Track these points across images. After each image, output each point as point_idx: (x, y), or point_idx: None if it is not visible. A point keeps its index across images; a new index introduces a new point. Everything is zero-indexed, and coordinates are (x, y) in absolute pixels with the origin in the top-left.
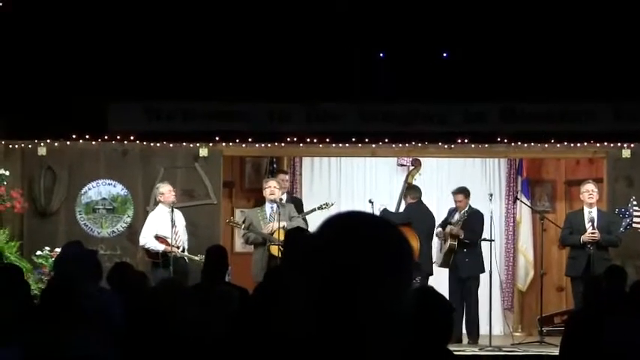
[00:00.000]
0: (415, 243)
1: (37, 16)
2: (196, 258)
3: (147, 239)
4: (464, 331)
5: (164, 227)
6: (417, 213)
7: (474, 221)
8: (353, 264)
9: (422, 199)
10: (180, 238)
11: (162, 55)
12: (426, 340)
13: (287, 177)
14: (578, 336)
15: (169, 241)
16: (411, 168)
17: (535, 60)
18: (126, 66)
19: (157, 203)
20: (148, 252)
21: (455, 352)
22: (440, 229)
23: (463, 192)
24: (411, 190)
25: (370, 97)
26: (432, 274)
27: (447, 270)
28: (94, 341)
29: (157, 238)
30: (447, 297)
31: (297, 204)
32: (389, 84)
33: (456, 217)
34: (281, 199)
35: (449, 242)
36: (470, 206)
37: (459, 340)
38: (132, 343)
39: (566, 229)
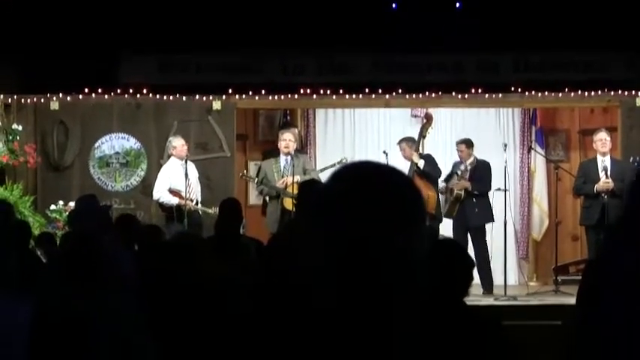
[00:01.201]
0: (432, 193)
1: None
2: (210, 211)
3: (160, 193)
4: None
5: (177, 181)
6: (430, 160)
7: (481, 172)
8: (365, 215)
9: (437, 150)
10: (194, 191)
11: (175, 6)
12: (446, 293)
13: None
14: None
15: (183, 194)
16: (424, 122)
17: (549, 9)
18: (138, 18)
19: (169, 157)
20: (162, 206)
21: (470, 303)
22: (444, 184)
23: (465, 142)
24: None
25: (384, 48)
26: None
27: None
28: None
29: (171, 191)
30: None
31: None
32: (402, 35)
33: (462, 168)
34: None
35: (455, 192)
36: (475, 157)
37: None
38: (147, 299)
39: (580, 179)
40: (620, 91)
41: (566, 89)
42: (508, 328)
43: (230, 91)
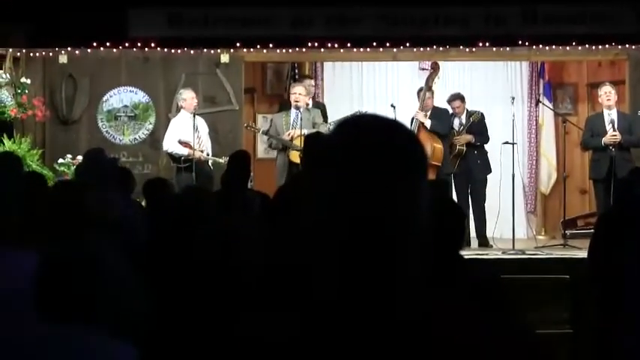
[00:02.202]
0: (438, 146)
1: None
2: (221, 160)
3: (170, 144)
4: (473, 234)
5: (187, 133)
6: (438, 114)
7: (479, 124)
8: (365, 167)
9: (444, 103)
10: (204, 143)
11: None
12: (439, 247)
13: (312, 82)
14: (608, 237)
15: (192, 145)
16: (430, 71)
17: None
18: None
19: (179, 109)
20: (172, 157)
21: (478, 257)
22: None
23: (459, 98)
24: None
25: (391, 2)
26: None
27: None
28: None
29: (180, 142)
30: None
31: (322, 110)
32: None
33: (456, 122)
34: (307, 104)
35: (457, 147)
36: (467, 110)
37: (469, 244)
38: (155, 253)
39: (587, 132)
40: (627, 45)
41: (574, 42)
42: (516, 282)
43: (238, 44)
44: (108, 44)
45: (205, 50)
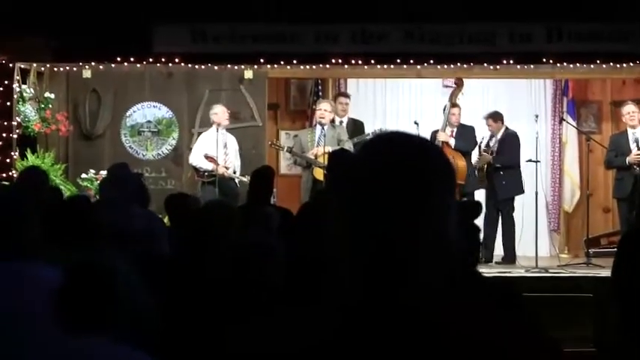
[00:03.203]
0: (462, 163)
1: None
2: (244, 179)
3: (195, 157)
4: (496, 252)
5: (214, 148)
6: (463, 131)
7: (508, 145)
8: (393, 185)
9: (468, 121)
10: (231, 160)
11: None
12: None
13: (348, 100)
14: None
15: (218, 160)
16: (454, 87)
17: None
18: None
19: (210, 124)
20: (197, 170)
21: (501, 274)
22: (476, 157)
23: (491, 117)
24: (455, 109)
25: (416, 18)
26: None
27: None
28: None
29: (207, 157)
30: (484, 219)
31: (359, 126)
32: (434, 5)
33: (492, 141)
34: (341, 122)
35: (478, 167)
36: (505, 129)
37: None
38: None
39: (611, 152)
40: None
41: (598, 60)
42: (539, 300)
43: (262, 60)
44: (132, 59)
45: (229, 66)
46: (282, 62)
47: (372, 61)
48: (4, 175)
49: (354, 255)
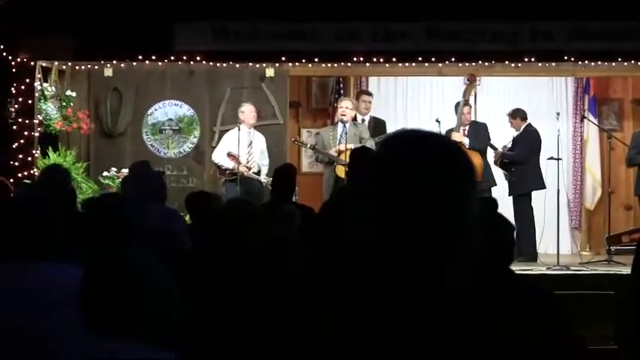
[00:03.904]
0: (478, 160)
1: None
2: (263, 179)
3: (217, 155)
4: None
5: (240, 146)
6: (475, 129)
7: (519, 142)
8: (414, 183)
9: (488, 119)
10: (254, 159)
11: None
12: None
13: (370, 98)
14: None
15: (241, 159)
16: (467, 84)
17: None
18: None
19: (239, 122)
20: (219, 168)
21: (523, 272)
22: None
23: (511, 114)
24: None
25: (437, 16)
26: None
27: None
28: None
29: (229, 155)
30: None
31: (380, 125)
32: (456, 2)
33: (502, 142)
34: (363, 120)
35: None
36: (528, 125)
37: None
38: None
39: (633, 149)
40: None
41: (620, 58)
42: (560, 298)
43: (283, 58)
44: (153, 57)
45: (250, 64)
46: (303, 60)
47: (394, 59)
48: (26, 173)
49: (376, 253)
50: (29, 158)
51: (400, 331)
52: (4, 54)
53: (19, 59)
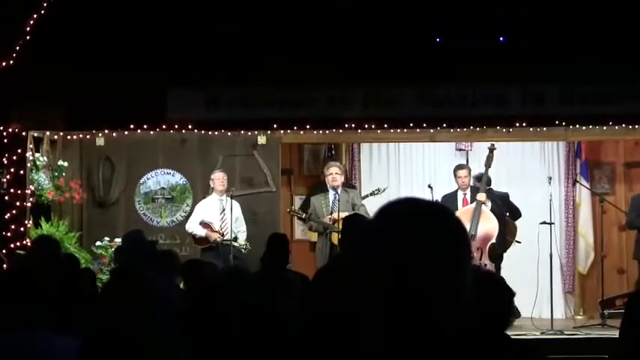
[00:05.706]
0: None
1: (93, 4)
2: (240, 244)
3: (190, 224)
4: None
5: (212, 214)
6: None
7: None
8: (407, 253)
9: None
10: (227, 226)
11: (220, 42)
12: (486, 325)
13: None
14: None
15: (214, 227)
16: (489, 153)
17: (592, 41)
18: (184, 54)
19: (211, 191)
20: (194, 237)
21: (516, 336)
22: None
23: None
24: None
25: (428, 82)
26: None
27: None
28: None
29: (201, 223)
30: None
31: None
32: (447, 68)
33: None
34: (348, 185)
35: None
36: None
37: None
38: (193, 329)
39: (633, 212)
40: None
41: (611, 122)
42: None
43: (275, 125)
44: (145, 126)
45: (242, 132)
46: (295, 127)
47: (385, 126)
48: (19, 244)
49: (370, 315)
50: (22, 229)
51: None
52: None
53: (10, 129)
